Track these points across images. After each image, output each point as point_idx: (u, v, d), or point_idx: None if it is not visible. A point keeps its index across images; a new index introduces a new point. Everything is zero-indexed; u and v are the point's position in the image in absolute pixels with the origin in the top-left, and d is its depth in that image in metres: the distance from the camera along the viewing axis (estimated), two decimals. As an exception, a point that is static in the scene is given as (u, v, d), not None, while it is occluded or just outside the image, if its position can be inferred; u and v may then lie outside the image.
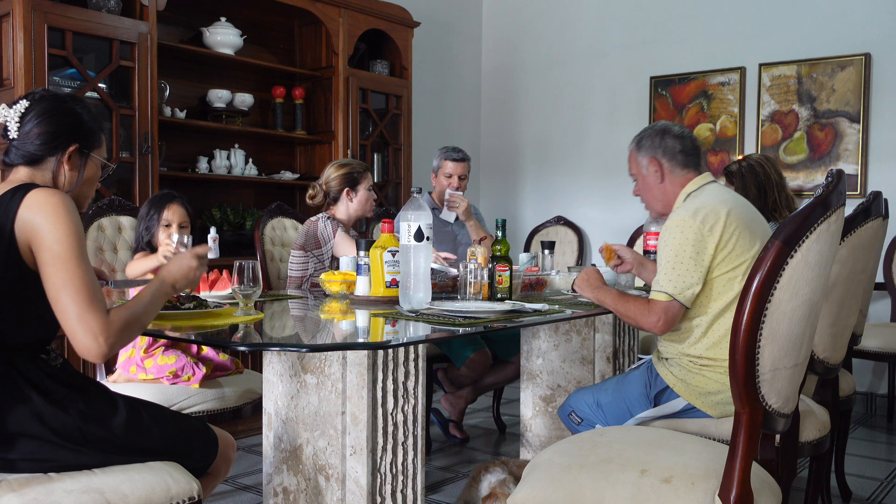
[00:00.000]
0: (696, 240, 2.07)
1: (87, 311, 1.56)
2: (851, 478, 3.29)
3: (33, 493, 1.55)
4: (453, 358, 3.61)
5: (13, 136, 1.71)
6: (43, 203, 1.59)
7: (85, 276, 1.58)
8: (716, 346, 2.12)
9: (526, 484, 1.70)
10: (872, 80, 4.66)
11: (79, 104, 1.80)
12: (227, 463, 1.95)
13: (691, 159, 2.28)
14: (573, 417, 2.35)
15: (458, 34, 5.99)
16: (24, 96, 1.74)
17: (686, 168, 2.28)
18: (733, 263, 2.09)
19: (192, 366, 2.59)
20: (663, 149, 2.28)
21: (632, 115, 5.51)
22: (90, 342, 1.55)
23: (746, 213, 2.17)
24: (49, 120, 1.72)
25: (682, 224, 2.10)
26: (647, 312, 2.11)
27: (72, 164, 1.75)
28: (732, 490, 1.46)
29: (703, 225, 2.07)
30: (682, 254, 2.08)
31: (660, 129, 2.30)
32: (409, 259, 2.22)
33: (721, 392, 2.10)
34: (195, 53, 4.21)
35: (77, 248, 1.59)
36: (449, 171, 3.90)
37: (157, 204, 2.74)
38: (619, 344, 3.00)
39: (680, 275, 2.08)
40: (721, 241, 2.07)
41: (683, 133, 2.29)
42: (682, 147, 2.27)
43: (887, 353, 4.01)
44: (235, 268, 2.09)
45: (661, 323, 2.10)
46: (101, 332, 1.56)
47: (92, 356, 1.57)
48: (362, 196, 3.41)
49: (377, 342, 1.94)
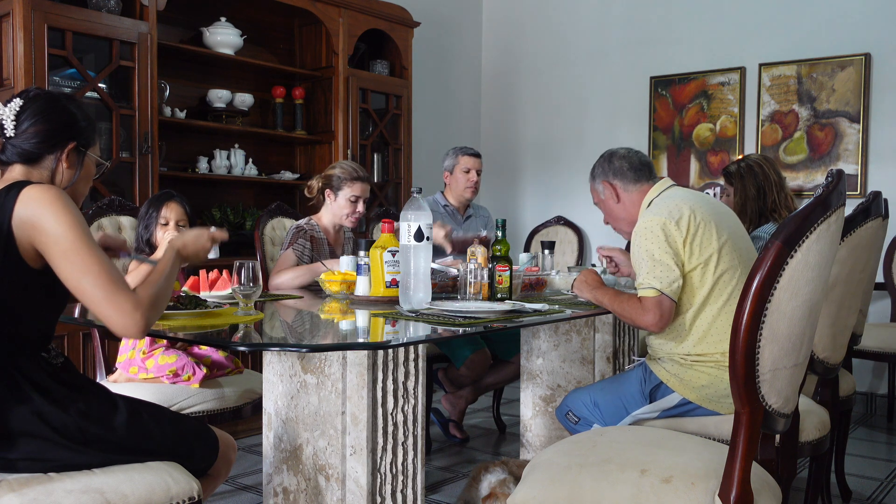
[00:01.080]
0: (666, 236, 2.13)
1: (115, 292, 1.57)
2: (851, 478, 3.29)
3: (33, 493, 1.55)
4: (453, 358, 3.61)
5: (10, 135, 1.70)
6: (40, 199, 1.58)
7: (100, 261, 1.59)
8: (701, 341, 2.16)
9: (526, 484, 1.70)
10: (872, 80, 4.66)
11: (73, 103, 1.80)
12: (227, 464, 1.95)
13: (641, 173, 2.38)
14: (570, 417, 2.36)
15: (458, 34, 5.99)
16: (18, 95, 1.74)
17: (638, 182, 2.38)
18: (703, 256, 2.13)
19: (193, 365, 2.59)
20: (612, 171, 2.39)
21: (632, 115, 5.51)
22: (127, 320, 1.58)
23: (709, 207, 2.22)
24: (46, 118, 1.72)
25: (649, 225, 2.16)
26: (642, 310, 2.14)
27: (70, 163, 1.76)
28: (732, 490, 1.46)
29: (668, 221, 2.14)
30: (657, 251, 2.13)
31: (606, 155, 2.43)
32: (409, 259, 2.22)
33: (713, 385, 2.14)
34: (195, 53, 4.21)
35: (83, 236, 1.59)
36: (467, 166, 3.90)
37: (156, 203, 2.76)
38: (618, 344, 3.00)
39: (662, 271, 2.12)
40: (688, 234, 2.13)
41: (629, 153, 2.40)
42: (629, 165, 2.37)
43: (887, 353, 4.01)
44: (235, 268, 2.09)
45: (658, 318, 2.12)
46: (135, 308, 1.58)
47: (132, 333, 1.59)
48: (340, 202, 3.28)
49: (377, 342, 1.94)
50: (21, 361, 1.66)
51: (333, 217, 3.33)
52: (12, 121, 1.70)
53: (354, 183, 3.28)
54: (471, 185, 3.92)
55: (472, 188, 3.93)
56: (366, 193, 3.32)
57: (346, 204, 3.28)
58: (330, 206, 3.32)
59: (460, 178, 3.92)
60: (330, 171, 3.35)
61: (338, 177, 3.29)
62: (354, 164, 3.40)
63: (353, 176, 3.29)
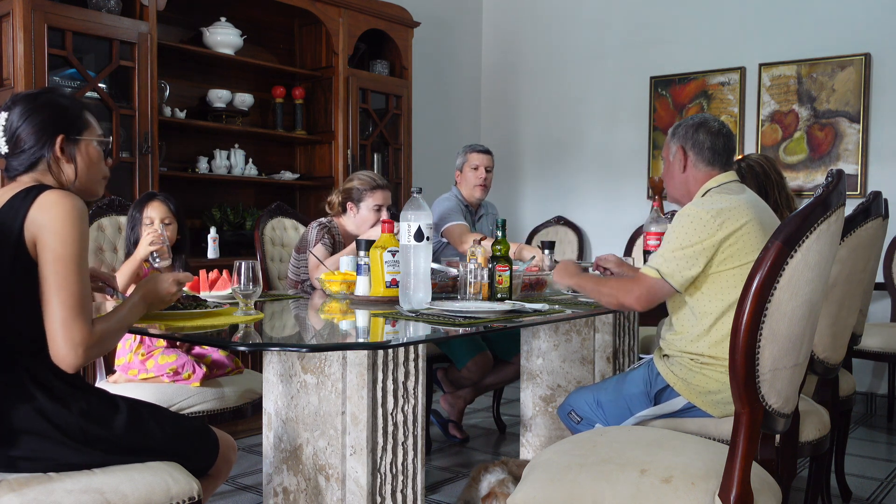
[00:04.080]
0: (705, 229, 2.07)
1: (74, 319, 1.58)
2: (851, 478, 3.29)
3: (33, 493, 1.55)
4: (455, 359, 3.60)
5: (5, 151, 1.72)
6: (54, 204, 1.60)
7: (79, 283, 1.60)
8: (718, 344, 2.12)
9: (526, 484, 1.70)
10: (872, 80, 4.66)
11: (51, 93, 1.77)
12: (227, 465, 1.95)
13: (719, 157, 2.28)
14: (573, 416, 2.35)
15: (458, 34, 5.99)
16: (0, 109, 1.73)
17: (711, 165, 2.28)
18: (742, 260, 2.08)
19: (193, 363, 2.60)
20: (693, 141, 2.29)
21: (632, 115, 5.51)
22: (68, 351, 1.58)
23: (763, 214, 2.16)
24: (28, 121, 1.70)
25: (694, 216, 2.10)
26: (630, 287, 2.13)
27: (67, 156, 1.74)
28: (732, 490, 1.46)
29: (714, 220, 2.07)
30: (688, 241, 2.08)
31: (698, 121, 2.31)
32: (409, 259, 2.21)
33: (721, 391, 2.10)
34: (195, 53, 4.21)
35: (78, 253, 1.60)
36: (476, 163, 3.88)
37: (139, 204, 2.80)
38: (619, 344, 3.00)
39: (678, 259, 2.08)
40: (732, 235, 2.07)
41: (719, 132, 2.28)
42: (711, 144, 2.27)
43: (887, 353, 4.01)
44: (235, 268, 2.09)
45: (641, 297, 2.11)
46: (82, 343, 1.59)
47: (66, 364, 1.59)
48: (364, 214, 3.26)
49: (377, 342, 1.94)
50: (25, 359, 1.66)
51: (356, 229, 3.29)
52: (2, 138, 1.71)
53: (375, 192, 3.26)
54: (480, 183, 3.88)
55: (481, 185, 3.89)
56: (388, 201, 3.29)
57: (370, 215, 3.25)
58: (353, 218, 3.29)
59: (469, 176, 3.89)
60: (349, 183, 3.31)
61: (357, 189, 3.26)
62: (372, 173, 3.36)
63: (373, 185, 3.26)
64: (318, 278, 2.83)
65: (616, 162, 5.57)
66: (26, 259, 1.61)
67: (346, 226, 3.32)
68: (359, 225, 3.28)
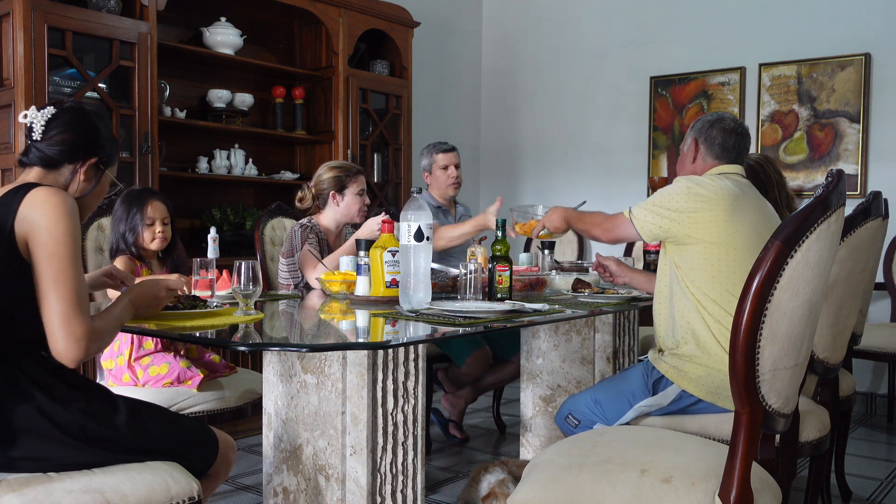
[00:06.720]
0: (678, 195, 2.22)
1: (74, 313, 1.58)
2: (851, 478, 3.29)
3: (33, 493, 1.55)
4: (454, 356, 3.60)
5: (37, 138, 1.75)
6: (44, 200, 1.61)
7: (76, 277, 1.60)
8: (685, 343, 2.25)
9: (526, 484, 1.70)
10: (872, 80, 4.66)
11: (103, 122, 1.86)
12: (227, 465, 1.95)
13: (727, 153, 2.38)
14: (570, 420, 2.36)
15: (458, 34, 5.99)
16: (52, 103, 1.79)
17: (718, 158, 2.39)
18: (686, 230, 2.20)
19: (186, 371, 2.57)
20: (706, 136, 2.41)
21: (632, 115, 5.51)
22: (70, 345, 1.57)
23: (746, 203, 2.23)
24: (74, 130, 1.77)
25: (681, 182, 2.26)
26: (601, 220, 2.42)
27: (87, 176, 1.80)
28: (732, 490, 1.46)
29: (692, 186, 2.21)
30: (664, 205, 2.23)
31: (715, 118, 2.43)
32: (409, 259, 2.21)
33: (708, 376, 2.18)
34: (195, 53, 4.21)
35: (72, 248, 1.60)
36: (444, 163, 3.83)
37: (137, 202, 2.67)
38: (619, 344, 3.00)
39: (650, 211, 2.25)
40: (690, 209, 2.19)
41: (733, 130, 2.39)
42: (722, 140, 2.38)
43: (887, 353, 4.01)
44: (235, 268, 2.09)
45: (608, 229, 2.38)
46: (84, 336, 1.58)
47: (67, 359, 1.59)
48: (349, 200, 3.30)
49: (377, 342, 1.94)
50: (22, 360, 1.66)
51: (343, 217, 3.33)
52: (42, 126, 1.75)
53: (358, 176, 3.33)
54: (452, 182, 3.84)
55: (453, 184, 3.85)
56: (365, 184, 3.38)
57: (355, 200, 3.31)
58: (336, 208, 3.32)
59: (440, 176, 3.84)
60: (324, 175, 3.33)
61: (338, 178, 3.30)
62: (343, 161, 3.42)
63: (354, 170, 3.35)
64: (317, 278, 2.83)
65: (616, 162, 5.57)
66: (18, 257, 1.61)
67: (327, 218, 3.33)
68: (344, 214, 3.32)
